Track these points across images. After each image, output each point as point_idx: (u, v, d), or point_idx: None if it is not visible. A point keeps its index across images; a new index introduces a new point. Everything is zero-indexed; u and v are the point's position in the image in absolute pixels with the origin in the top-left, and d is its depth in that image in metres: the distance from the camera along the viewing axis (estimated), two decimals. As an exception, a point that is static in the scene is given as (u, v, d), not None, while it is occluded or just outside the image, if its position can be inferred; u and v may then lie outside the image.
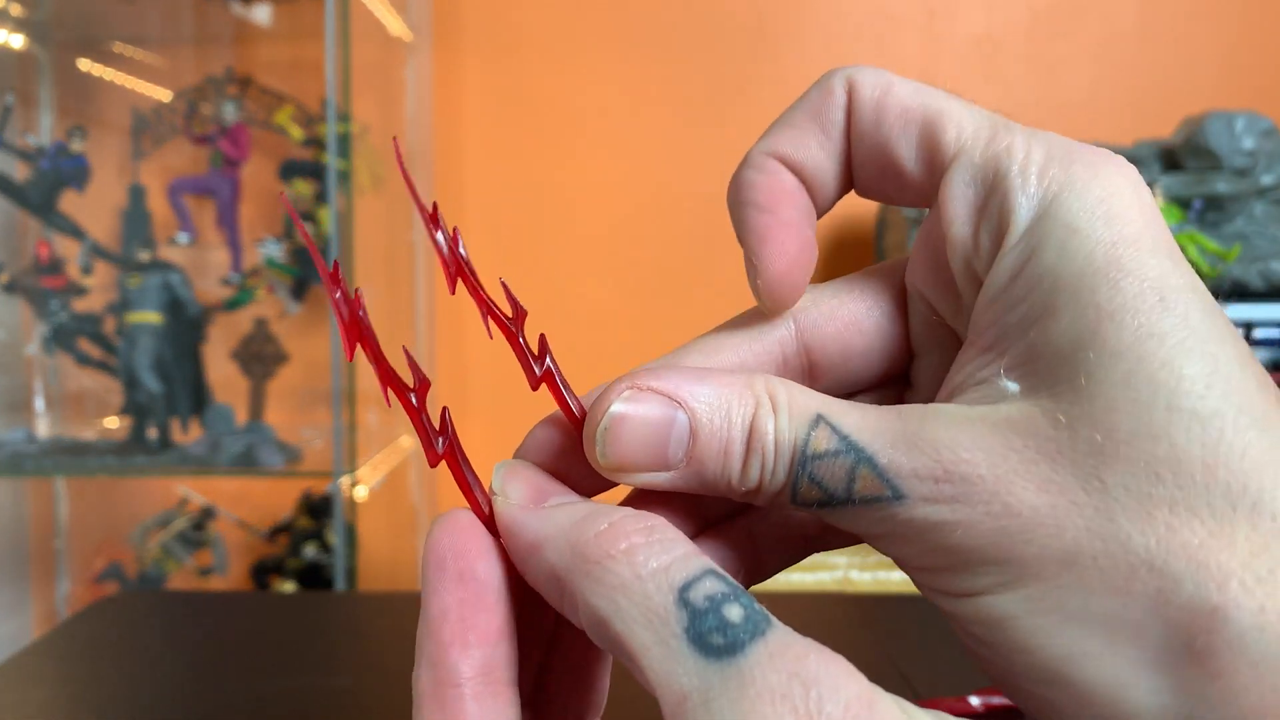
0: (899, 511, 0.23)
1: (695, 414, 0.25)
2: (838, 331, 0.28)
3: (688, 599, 0.21)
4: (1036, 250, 0.23)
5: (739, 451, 0.25)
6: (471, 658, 0.24)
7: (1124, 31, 1.83)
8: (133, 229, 1.74)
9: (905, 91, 0.27)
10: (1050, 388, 0.23)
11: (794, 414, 0.25)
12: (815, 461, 0.24)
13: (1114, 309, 0.22)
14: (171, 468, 1.57)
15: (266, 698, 0.65)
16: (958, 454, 0.23)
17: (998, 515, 0.22)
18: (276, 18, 1.75)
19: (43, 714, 0.64)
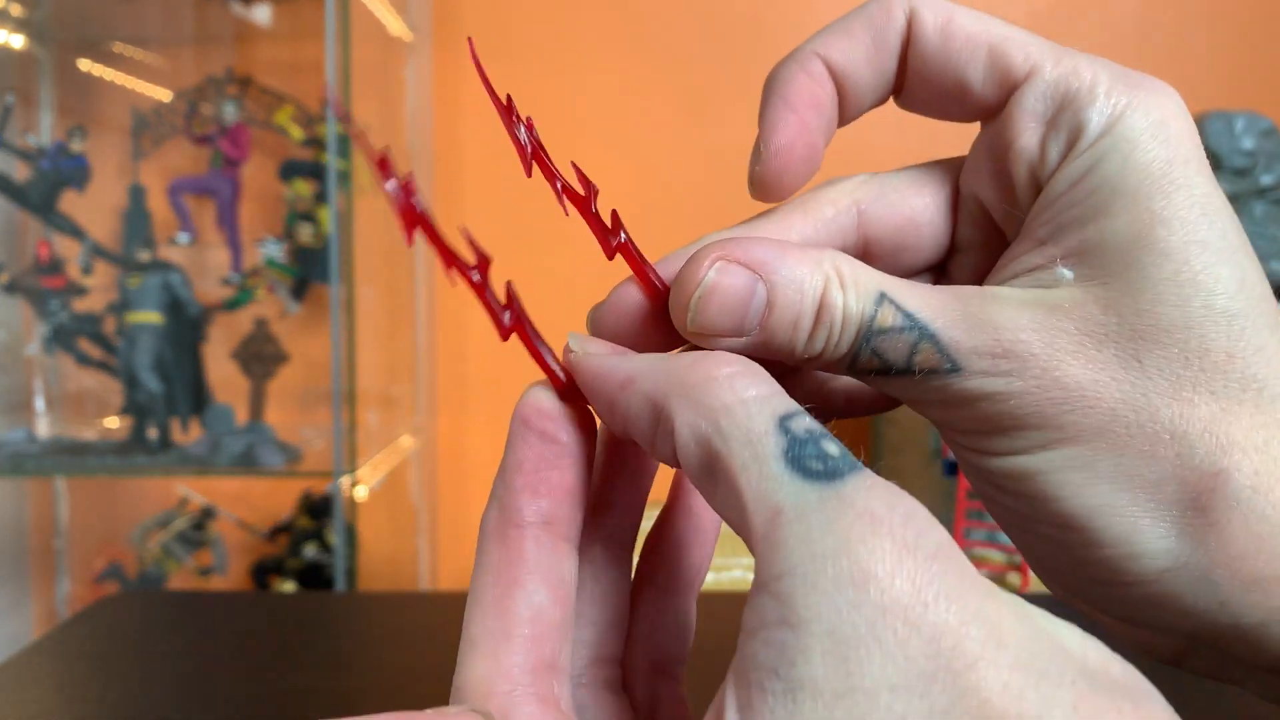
0: (954, 382, 0.26)
1: (774, 287, 0.27)
2: (898, 226, 0.30)
3: (788, 427, 0.22)
4: (1101, 159, 0.26)
5: (807, 324, 0.27)
6: (539, 505, 0.26)
7: (1123, 33, 1.84)
8: (133, 229, 1.74)
9: (969, 18, 0.29)
10: (1103, 278, 0.25)
11: (860, 290, 0.26)
12: (879, 336, 0.26)
13: (1167, 216, 0.25)
14: (172, 468, 1.57)
15: (267, 697, 0.65)
16: (1016, 334, 0.25)
17: (1047, 388, 0.25)
18: (276, 18, 1.75)
19: (43, 714, 0.64)
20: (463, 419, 1.93)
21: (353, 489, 1.56)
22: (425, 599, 0.98)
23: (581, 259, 1.90)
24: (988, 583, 0.20)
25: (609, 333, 0.32)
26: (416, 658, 0.73)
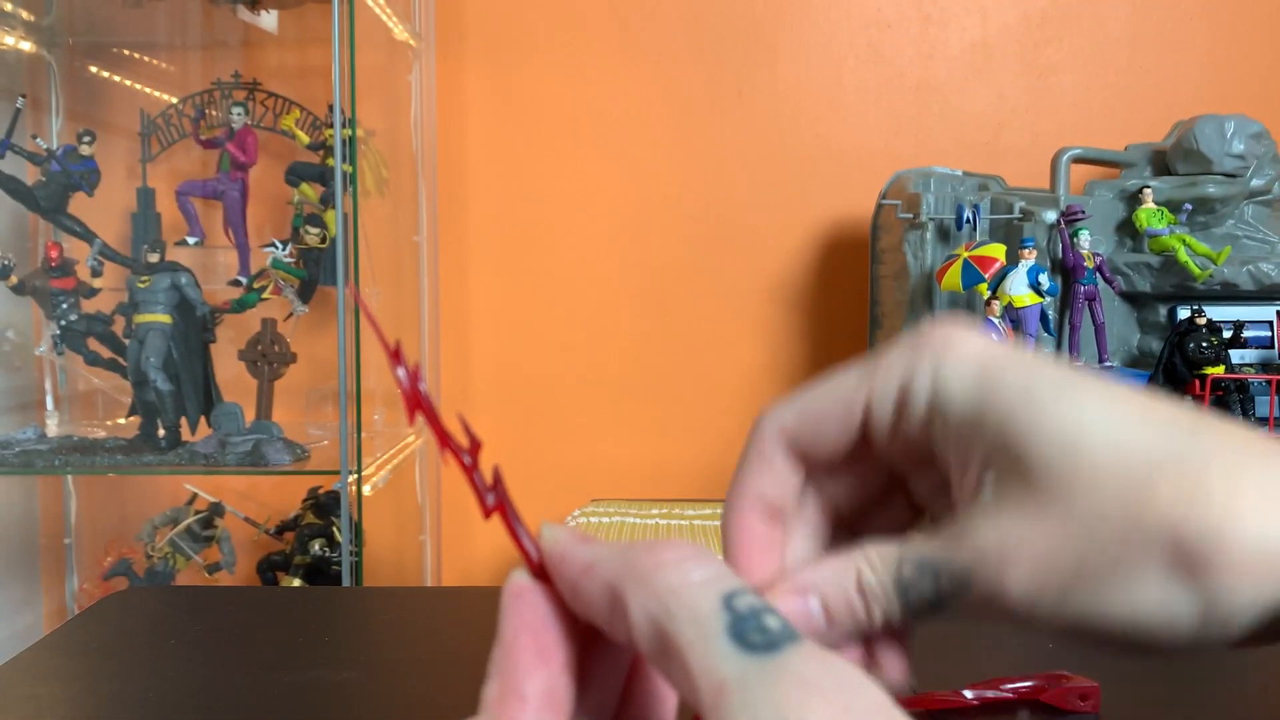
0: (974, 595, 0.30)
1: (824, 596, 0.32)
2: (820, 436, 0.34)
3: (733, 605, 0.23)
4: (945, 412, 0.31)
5: (860, 604, 0.31)
6: (537, 679, 0.27)
7: (1116, 37, 1.85)
8: (141, 231, 1.76)
9: None
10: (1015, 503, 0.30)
11: (884, 561, 0.32)
12: (910, 588, 0.31)
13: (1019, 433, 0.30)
14: (180, 466, 1.58)
15: (274, 692, 0.67)
16: (988, 536, 0.30)
17: (1025, 555, 0.29)
18: (283, 24, 1.76)
19: (53, 708, 0.65)
20: (466, 417, 1.94)
21: (359, 487, 1.56)
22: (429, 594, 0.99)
23: (581, 261, 1.91)
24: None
25: None
26: (421, 652, 0.74)
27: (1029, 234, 1.47)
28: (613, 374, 1.93)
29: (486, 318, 1.94)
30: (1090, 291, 1.46)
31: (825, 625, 0.31)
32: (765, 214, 1.89)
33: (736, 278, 1.89)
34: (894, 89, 1.87)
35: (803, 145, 1.88)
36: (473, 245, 1.92)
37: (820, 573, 0.32)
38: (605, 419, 1.94)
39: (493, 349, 1.94)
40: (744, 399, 1.92)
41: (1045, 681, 0.60)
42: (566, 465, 1.93)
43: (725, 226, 1.88)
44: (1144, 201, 1.47)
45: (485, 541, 1.97)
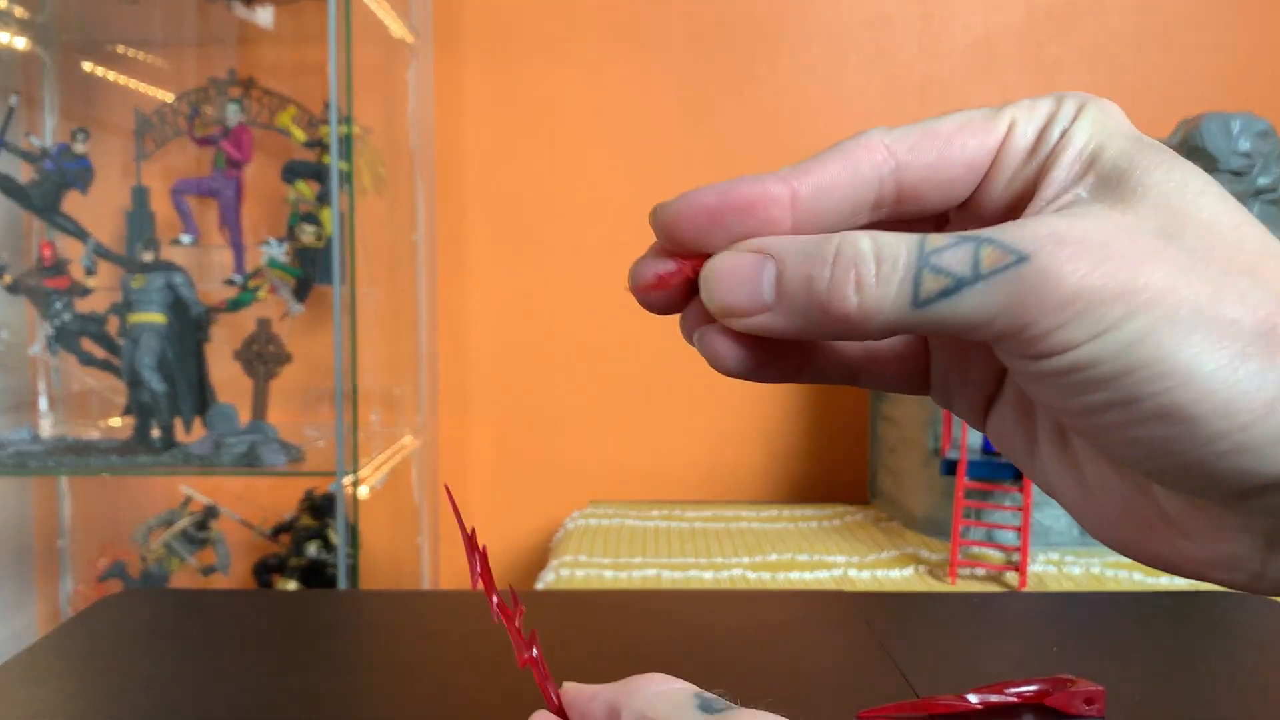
0: (1026, 272, 0.27)
1: (780, 257, 0.29)
2: (930, 174, 0.31)
3: (700, 696, 0.32)
4: (1086, 136, 0.30)
5: (825, 274, 0.28)
6: None
7: (1120, 34, 1.84)
8: (136, 230, 1.75)
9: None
10: (1115, 199, 0.28)
11: (896, 235, 0.28)
12: (935, 255, 0.28)
13: (1150, 157, 0.29)
14: (175, 467, 1.57)
15: (269, 695, 0.66)
16: (1064, 226, 0.27)
17: (1112, 258, 0.27)
18: (279, 20, 1.76)
19: (47, 712, 0.64)
20: (464, 419, 1.94)
21: (355, 488, 1.56)
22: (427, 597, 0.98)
23: (580, 260, 1.91)
24: None
25: None
26: (418, 655, 0.73)
27: (1033, 233, 1.46)
28: (612, 374, 1.92)
29: (484, 317, 1.93)
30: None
31: (771, 294, 0.29)
32: (766, 213, 1.88)
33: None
34: (896, 86, 1.87)
35: (804, 143, 1.87)
36: (471, 244, 1.92)
37: (790, 239, 0.29)
38: (605, 419, 1.93)
39: (491, 348, 1.93)
40: (744, 399, 1.92)
41: (1050, 685, 0.60)
42: (566, 466, 1.93)
43: (725, 225, 1.88)
44: (1149, 200, 1.47)
45: (483, 544, 1.96)
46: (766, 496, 1.93)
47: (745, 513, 1.70)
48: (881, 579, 1.34)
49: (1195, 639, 0.81)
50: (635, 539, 1.53)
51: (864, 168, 0.31)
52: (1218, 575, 0.30)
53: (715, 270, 0.30)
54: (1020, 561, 1.26)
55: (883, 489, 1.73)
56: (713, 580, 1.32)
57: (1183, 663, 0.74)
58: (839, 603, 0.87)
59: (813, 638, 0.78)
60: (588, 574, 1.36)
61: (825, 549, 1.47)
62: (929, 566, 1.37)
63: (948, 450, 1.36)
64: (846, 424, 1.91)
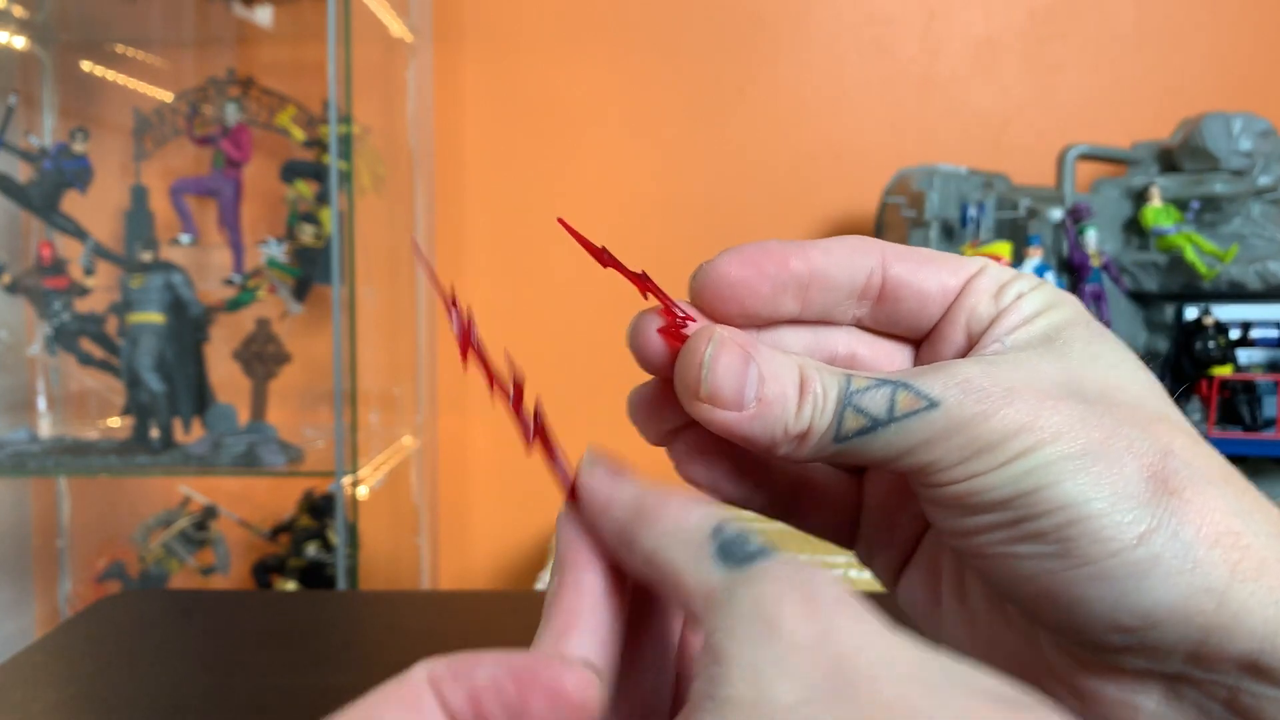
0: (937, 418, 0.30)
1: (762, 365, 0.31)
2: (909, 298, 0.34)
3: (721, 529, 0.27)
4: (1038, 306, 0.34)
5: (794, 397, 0.31)
6: (589, 574, 0.31)
7: (1121, 33, 1.84)
8: (135, 229, 1.75)
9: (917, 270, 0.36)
10: (1039, 350, 0.32)
11: (829, 371, 0.31)
12: (858, 395, 0.30)
13: (1080, 333, 0.33)
14: (174, 467, 1.57)
15: (268, 696, 0.66)
16: (977, 372, 0.30)
17: (1015, 402, 0.29)
18: (278, 19, 1.76)
19: (46, 713, 0.64)
20: (464, 419, 1.94)
21: (354, 488, 1.56)
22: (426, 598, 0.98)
23: (580, 260, 1.91)
24: (884, 623, 0.24)
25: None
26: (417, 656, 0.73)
27: (1034, 232, 1.46)
28: (612, 374, 1.92)
29: (484, 316, 1.91)
30: (1096, 290, 1.45)
31: (753, 397, 0.31)
32: (767, 212, 1.88)
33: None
34: (897, 86, 1.86)
35: (805, 142, 1.87)
36: (470, 243, 1.92)
37: (761, 348, 0.32)
38: (605, 419, 1.93)
39: (491, 348, 1.93)
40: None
41: None
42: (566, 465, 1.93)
43: (727, 224, 1.88)
44: (1151, 199, 1.46)
45: (482, 544, 1.97)
46: (766, 497, 1.93)
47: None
48: (882, 579, 1.33)
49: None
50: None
51: (857, 254, 0.34)
52: None
53: (717, 344, 0.32)
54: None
55: (883, 489, 1.73)
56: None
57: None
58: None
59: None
60: (588, 574, 1.36)
61: (826, 549, 1.46)
62: (930, 567, 1.37)
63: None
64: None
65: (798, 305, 0.34)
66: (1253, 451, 1.38)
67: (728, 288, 0.34)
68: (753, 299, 0.33)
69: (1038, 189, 1.58)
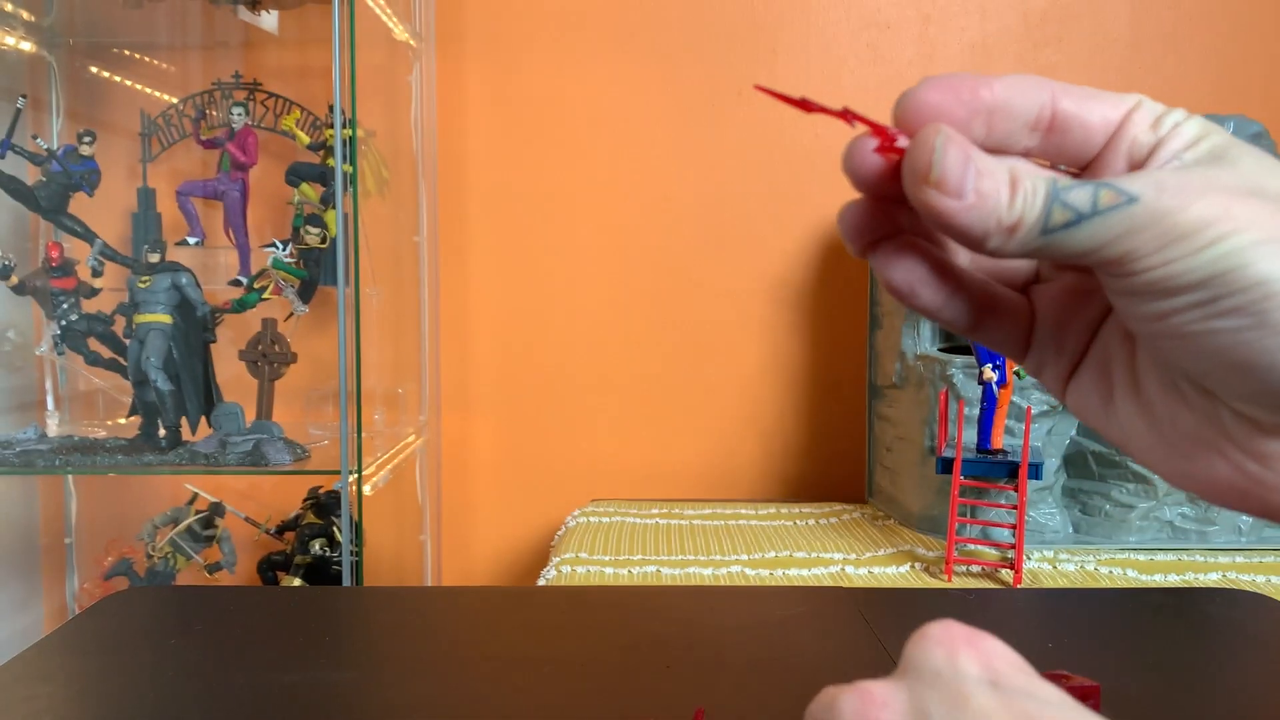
0: (1137, 211, 0.33)
1: (979, 162, 0.34)
2: (1075, 130, 0.37)
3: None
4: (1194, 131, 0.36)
5: (1006, 192, 0.34)
6: None
7: (1115, 38, 1.85)
8: (142, 231, 1.76)
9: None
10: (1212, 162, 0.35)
11: (1040, 171, 0.35)
12: (1064, 191, 0.34)
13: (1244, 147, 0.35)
14: (180, 466, 1.58)
15: (274, 692, 0.67)
16: (1169, 176, 0.33)
17: (1206, 197, 0.32)
18: (283, 24, 1.77)
19: (54, 708, 0.65)
20: (467, 417, 1.95)
21: (359, 486, 1.57)
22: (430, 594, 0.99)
23: (583, 260, 1.92)
24: None
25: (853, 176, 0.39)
26: (421, 652, 0.74)
27: (1029, 234, 1.47)
28: (613, 374, 1.93)
29: (487, 318, 1.94)
30: (1090, 291, 1.46)
31: (972, 186, 0.34)
32: (765, 214, 1.89)
33: (736, 277, 1.90)
34: (894, 89, 1.86)
35: (802, 145, 1.88)
36: (473, 245, 1.93)
37: (980, 152, 0.35)
38: (605, 419, 1.94)
39: (493, 349, 1.94)
40: (743, 400, 1.93)
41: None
42: (566, 465, 1.94)
43: (725, 226, 1.89)
44: (1144, 201, 1.47)
45: (485, 541, 1.98)
46: (765, 495, 1.94)
47: (744, 510, 1.71)
48: (878, 575, 1.35)
49: (1189, 635, 0.82)
50: (636, 536, 1.54)
51: (1032, 88, 0.37)
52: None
53: (945, 138, 0.34)
54: (1015, 558, 1.28)
55: (880, 487, 1.74)
56: (712, 577, 1.34)
57: (1177, 658, 0.74)
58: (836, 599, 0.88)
59: (810, 633, 0.79)
60: (589, 571, 1.37)
61: (823, 546, 1.48)
62: (925, 563, 1.38)
63: (943, 449, 1.37)
64: (844, 423, 1.92)
65: (984, 130, 0.36)
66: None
67: (930, 110, 0.36)
68: (950, 121, 0.36)
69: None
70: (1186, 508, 1.45)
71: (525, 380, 1.93)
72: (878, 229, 0.39)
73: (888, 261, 0.39)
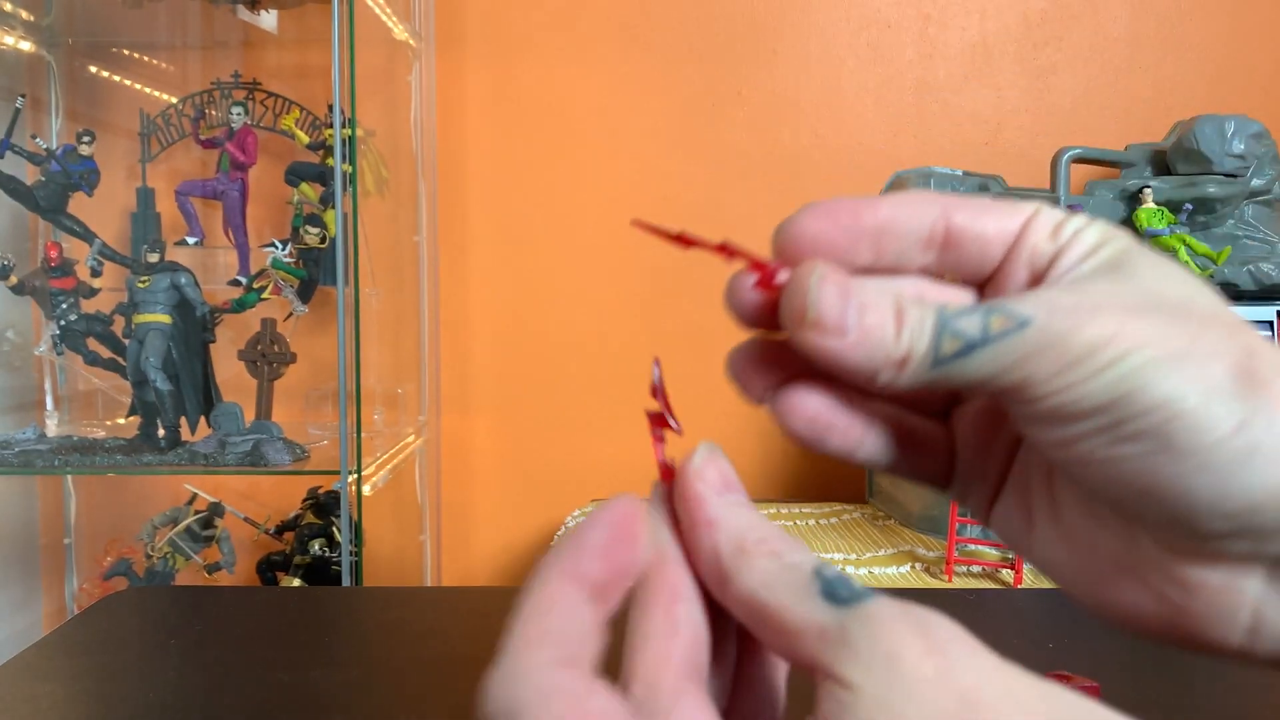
0: (1029, 335, 0.31)
1: (860, 294, 0.32)
2: (973, 244, 0.36)
3: (819, 573, 0.28)
4: (1095, 241, 0.35)
5: (892, 325, 0.32)
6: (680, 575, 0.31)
7: (1115, 37, 1.85)
8: (141, 231, 1.76)
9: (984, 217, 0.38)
10: (1109, 276, 0.33)
11: (923, 301, 0.33)
12: (953, 319, 0.32)
13: (1143, 259, 0.34)
14: (180, 466, 1.58)
15: (274, 692, 0.67)
16: (1061, 295, 0.32)
17: (1102, 315, 0.31)
18: (283, 24, 1.77)
19: (53, 708, 0.65)
20: (466, 417, 1.95)
21: (358, 487, 1.57)
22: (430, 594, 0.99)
23: (581, 261, 1.92)
24: (995, 657, 0.26)
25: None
26: (421, 652, 0.74)
27: (1029, 234, 1.46)
28: (613, 374, 1.93)
29: (486, 318, 1.94)
30: (1090, 291, 1.45)
31: (855, 323, 0.32)
32: (765, 214, 1.89)
33: (736, 278, 1.89)
34: (894, 89, 1.87)
35: (802, 145, 1.88)
36: (473, 245, 1.93)
37: (860, 282, 0.33)
38: (605, 419, 1.94)
39: (493, 349, 1.94)
40: (743, 400, 1.92)
41: None
42: (566, 465, 1.94)
43: (725, 226, 1.89)
44: (1144, 201, 1.47)
45: (485, 542, 1.98)
46: (765, 494, 1.94)
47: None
48: (879, 576, 1.34)
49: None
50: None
51: (921, 205, 0.35)
52: (1210, 634, 0.33)
53: (820, 276, 0.33)
54: (1015, 559, 1.27)
55: (880, 487, 1.74)
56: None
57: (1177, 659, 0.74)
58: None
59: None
60: (588, 572, 1.37)
61: (823, 546, 1.48)
62: (925, 564, 1.38)
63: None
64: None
65: (872, 255, 0.35)
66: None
67: (809, 241, 0.35)
68: (831, 250, 0.35)
69: (1032, 191, 1.59)
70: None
71: (525, 380, 1.93)
72: (774, 370, 0.37)
73: (789, 409, 0.37)
